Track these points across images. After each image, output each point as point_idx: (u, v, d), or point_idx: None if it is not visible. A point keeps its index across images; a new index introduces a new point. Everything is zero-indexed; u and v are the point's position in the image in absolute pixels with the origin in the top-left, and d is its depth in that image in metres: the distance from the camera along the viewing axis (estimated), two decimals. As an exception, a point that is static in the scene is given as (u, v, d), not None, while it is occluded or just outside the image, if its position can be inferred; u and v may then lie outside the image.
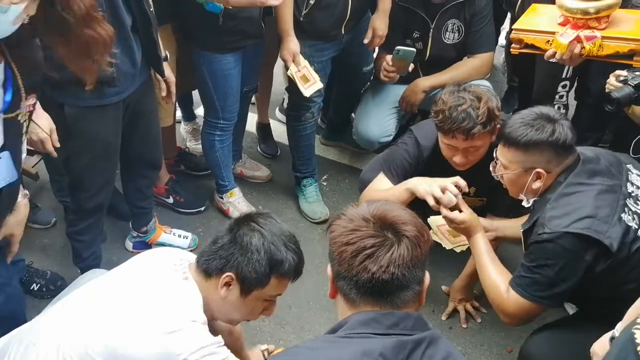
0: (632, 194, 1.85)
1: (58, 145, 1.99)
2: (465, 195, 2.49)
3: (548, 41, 2.22)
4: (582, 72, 2.59)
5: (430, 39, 2.78)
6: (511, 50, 2.33)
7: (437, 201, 2.09)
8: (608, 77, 2.14)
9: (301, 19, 2.59)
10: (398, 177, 2.34)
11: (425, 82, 2.84)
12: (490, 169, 2.01)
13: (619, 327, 1.44)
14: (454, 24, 2.77)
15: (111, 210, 2.66)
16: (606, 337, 1.48)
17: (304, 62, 2.62)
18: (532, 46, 2.28)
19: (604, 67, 2.29)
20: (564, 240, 1.75)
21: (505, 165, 1.93)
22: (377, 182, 2.37)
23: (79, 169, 2.22)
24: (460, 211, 2.09)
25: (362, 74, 3.07)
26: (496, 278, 1.97)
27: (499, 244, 2.32)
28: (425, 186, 2.12)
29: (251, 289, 1.57)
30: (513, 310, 1.89)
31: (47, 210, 2.86)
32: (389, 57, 2.69)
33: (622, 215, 1.78)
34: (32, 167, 2.78)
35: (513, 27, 2.31)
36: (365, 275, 1.18)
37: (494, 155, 1.98)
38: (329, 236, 1.27)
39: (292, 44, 2.57)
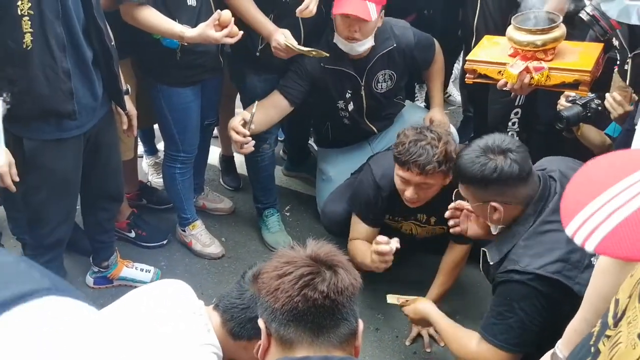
0: None
1: (17, 179, 1.97)
2: (426, 224, 2.55)
3: (500, 72, 2.31)
4: (532, 100, 2.70)
5: (363, 95, 2.76)
6: (465, 79, 2.42)
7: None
8: (554, 106, 2.23)
9: (257, 53, 2.62)
10: (368, 219, 2.50)
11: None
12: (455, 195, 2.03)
13: (559, 344, 1.46)
14: (385, 73, 2.72)
15: (71, 246, 2.61)
16: (548, 355, 1.50)
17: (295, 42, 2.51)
18: (485, 76, 2.37)
19: (550, 96, 2.38)
20: (536, 283, 1.74)
21: (465, 197, 1.94)
22: (356, 229, 2.51)
23: (38, 203, 2.18)
24: None
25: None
26: (464, 334, 1.97)
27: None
28: None
29: None
30: None
31: None
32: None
33: (592, 259, 1.77)
34: None
35: (467, 58, 2.40)
36: (304, 305, 1.12)
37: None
38: (259, 284, 1.20)
39: (278, 34, 2.48)
